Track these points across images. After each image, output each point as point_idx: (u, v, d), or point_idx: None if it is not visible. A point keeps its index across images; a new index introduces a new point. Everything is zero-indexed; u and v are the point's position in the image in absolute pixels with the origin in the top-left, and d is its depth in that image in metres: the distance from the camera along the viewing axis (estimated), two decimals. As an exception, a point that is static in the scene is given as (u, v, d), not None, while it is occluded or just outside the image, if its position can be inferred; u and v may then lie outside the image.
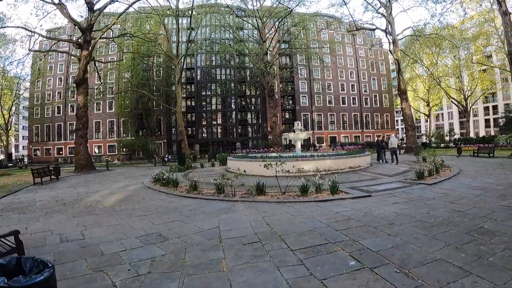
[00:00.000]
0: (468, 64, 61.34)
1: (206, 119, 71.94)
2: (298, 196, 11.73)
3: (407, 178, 15.99)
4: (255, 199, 11.55)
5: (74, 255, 6.32)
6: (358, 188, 13.27)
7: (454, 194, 11.34)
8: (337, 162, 20.01)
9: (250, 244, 6.70)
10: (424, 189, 12.58)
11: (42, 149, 68.76)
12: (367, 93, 77.89)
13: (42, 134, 68.96)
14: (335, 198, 11.27)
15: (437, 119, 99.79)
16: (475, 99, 66.24)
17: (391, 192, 12.23)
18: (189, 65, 72.54)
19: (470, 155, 30.75)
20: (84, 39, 33.34)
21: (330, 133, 74.05)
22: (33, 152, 69.45)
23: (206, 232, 7.68)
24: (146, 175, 24.05)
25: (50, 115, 68.82)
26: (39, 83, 68.63)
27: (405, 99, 42.12)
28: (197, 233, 7.57)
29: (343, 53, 76.89)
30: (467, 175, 16.35)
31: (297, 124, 26.47)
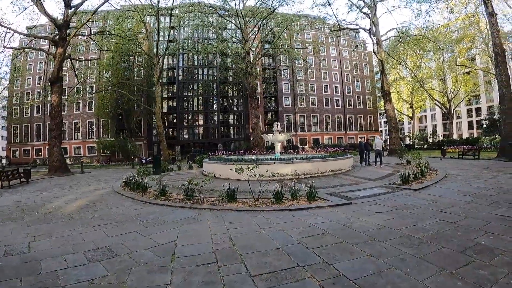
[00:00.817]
0: (452, 67, 61.57)
1: (188, 120, 70.57)
2: (272, 203, 10.66)
3: (391, 182, 14.98)
4: (225, 207, 10.50)
5: (12, 272, 5.60)
6: (338, 194, 12.25)
7: (443, 201, 10.30)
8: (317, 165, 18.96)
9: (205, 265, 5.61)
10: (409, 196, 11.53)
11: (21, 150, 66.48)
12: (351, 94, 77.36)
13: (21, 135, 66.83)
14: (312, 206, 10.20)
15: (421, 121, 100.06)
16: (458, 101, 66.62)
17: (374, 199, 11.14)
18: (171, 65, 71.36)
19: (454, 157, 30.05)
20: (60, 36, 32.14)
21: (313, 134, 73.31)
22: (12, 153, 67.21)
23: (161, 247, 6.69)
24: (120, 178, 22.60)
25: (29, 115, 67.00)
26: (18, 82, 66.77)
27: (389, 101, 41.47)
28: (150, 249, 6.60)
29: (327, 54, 76.34)
30: (455, 178, 15.43)
31: (276, 125, 25.31)
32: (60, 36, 32.28)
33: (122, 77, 56.97)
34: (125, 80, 56.93)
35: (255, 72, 49.85)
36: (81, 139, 65.68)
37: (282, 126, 67.76)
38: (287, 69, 70.29)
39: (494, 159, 26.35)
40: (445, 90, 63.63)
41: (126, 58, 56.26)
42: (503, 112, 27.37)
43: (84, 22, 35.72)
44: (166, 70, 69.98)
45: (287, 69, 70.29)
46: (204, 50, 54.18)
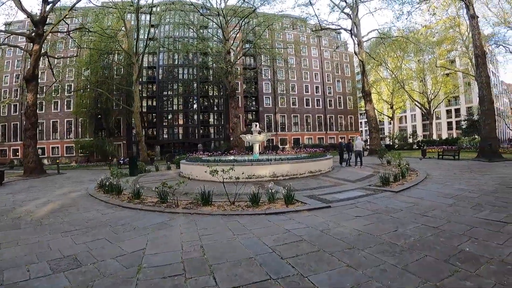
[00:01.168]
0: (432, 68, 62.10)
1: (168, 120, 69.54)
2: (248, 207, 10.16)
3: (371, 184, 14.62)
4: (199, 211, 9.91)
5: (-27, 285, 5.03)
6: (317, 197, 11.76)
7: (424, 204, 9.94)
8: (296, 167, 18.51)
9: (172, 277, 5.09)
10: (390, 198, 11.15)
11: (-2, 150, 64.08)
12: (332, 95, 77.40)
13: (7, 135, 64.55)
14: (289, 210, 9.69)
15: (401, 121, 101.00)
16: (438, 102, 67.40)
17: (353, 202, 10.70)
18: (151, 64, 70.13)
19: (434, 158, 30.07)
20: (36, 33, 31.10)
21: (294, 134, 73.06)
22: (-12, 154, 64.67)
23: (128, 256, 6.21)
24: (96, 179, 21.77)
25: (6, 114, 64.98)
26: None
27: (369, 101, 41.43)
28: (117, 258, 6.12)
29: (308, 54, 76.22)
30: (436, 180, 15.16)
31: (255, 125, 24.76)
32: (37, 32, 31.24)
33: (101, 75, 55.64)
34: (104, 79, 55.57)
35: (235, 72, 49.36)
36: (59, 139, 63.80)
37: (262, 126, 67.43)
38: (268, 69, 69.92)
39: (474, 159, 26.39)
40: (425, 91, 64.32)
41: (105, 57, 54.83)
42: (483, 113, 27.46)
43: (61, 18, 34.57)
44: (146, 69, 68.77)
45: (268, 69, 69.92)
46: (184, 49, 53.44)
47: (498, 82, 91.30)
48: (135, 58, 46.57)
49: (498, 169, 18.74)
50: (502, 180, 13.91)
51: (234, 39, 47.62)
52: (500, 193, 10.99)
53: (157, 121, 68.73)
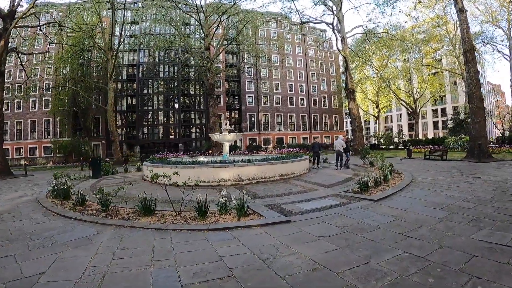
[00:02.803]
0: (419, 67, 61.11)
1: (148, 119, 67.27)
2: (193, 219, 8.53)
3: (348, 189, 12.58)
4: (134, 223, 8.33)
5: None
6: (279, 207, 9.90)
7: (409, 218, 7.92)
8: (265, 169, 16.41)
9: None
10: (367, 209, 9.09)
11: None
12: (316, 93, 75.80)
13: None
14: (239, 224, 7.89)
15: (386, 120, 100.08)
16: (424, 101, 66.57)
17: (321, 215, 8.69)
18: (132, 61, 67.93)
19: (421, 158, 28.23)
20: (3, 27, 29.68)
21: (277, 134, 71.25)
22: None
23: (23, 281, 5.07)
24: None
25: None
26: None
27: (353, 99, 39.62)
28: (10, 282, 5.04)
29: (292, 53, 74.54)
30: (422, 184, 13.10)
31: (225, 123, 22.63)
32: (4, 27, 29.78)
33: (78, 73, 53.29)
34: (80, 77, 53.23)
35: (215, 69, 47.52)
36: (37, 139, 61.08)
37: (245, 126, 66.03)
38: (251, 67, 67.76)
39: (463, 159, 24.51)
40: (411, 90, 63.19)
41: (81, 54, 52.65)
42: (472, 111, 25.67)
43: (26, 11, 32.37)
44: (126, 66, 67.20)
45: (251, 67, 67.76)
46: (164, 45, 51.28)
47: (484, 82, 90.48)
48: (110, 55, 44.48)
49: (490, 171, 16.82)
50: (498, 185, 11.91)
51: (213, 35, 45.71)
52: (500, 202, 8.98)
53: (137, 120, 66.48)
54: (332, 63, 78.74)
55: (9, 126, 58.75)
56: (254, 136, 69.16)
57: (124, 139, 65.64)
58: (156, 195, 9.58)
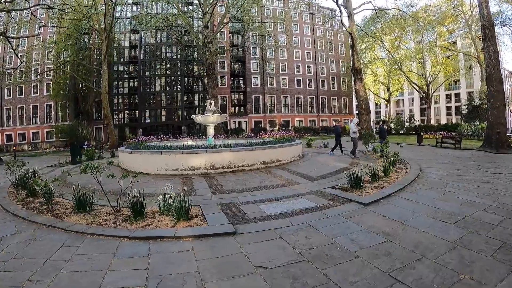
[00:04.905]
0: (432, 48, 57.55)
1: (150, 102, 64.83)
2: (126, 220, 7.04)
3: (337, 184, 10.07)
4: (57, 223, 7.05)
5: None
6: (237, 207, 7.91)
7: (406, 238, 5.35)
8: (242, 156, 13.89)
9: None
10: (350, 219, 6.55)
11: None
12: (325, 75, 71.98)
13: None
14: (168, 234, 6.12)
15: (398, 104, 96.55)
16: (437, 85, 62.94)
17: (282, 225, 6.33)
18: (133, 43, 65.00)
19: (432, 145, 25.25)
20: None
21: (283, 116, 67.83)
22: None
23: None
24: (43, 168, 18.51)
25: None
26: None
27: (360, 79, 36.46)
28: None
29: (300, 32, 70.73)
30: (431, 181, 10.21)
31: (209, 103, 20.17)
32: None
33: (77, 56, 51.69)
34: (79, 60, 51.31)
35: (215, 48, 45.07)
36: (39, 124, 59.65)
37: (250, 108, 63.47)
38: (256, 47, 64.84)
39: (478, 149, 21.30)
40: (424, 74, 59.78)
41: (78, 36, 50.68)
42: (490, 94, 22.48)
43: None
44: (128, 48, 64.25)
45: (256, 47, 64.84)
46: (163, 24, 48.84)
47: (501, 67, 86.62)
48: (104, 35, 42.29)
49: None
50: (528, 186, 9.14)
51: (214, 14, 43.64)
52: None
53: (139, 103, 63.85)
54: (341, 44, 74.80)
55: (11, 112, 58.46)
56: (259, 118, 66.08)
57: (126, 122, 63.67)
58: (77, 191, 7.96)
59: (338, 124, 22.34)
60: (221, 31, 44.27)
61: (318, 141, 30.49)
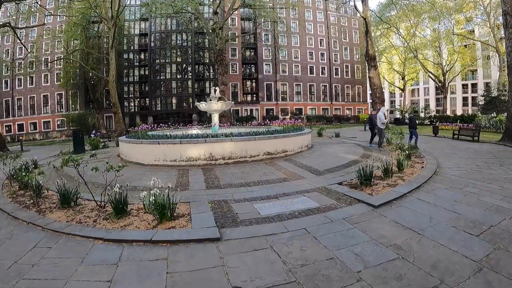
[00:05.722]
0: (449, 36, 55.63)
1: (161, 90, 64.29)
2: (106, 218, 6.51)
3: (344, 180, 9.13)
4: (37, 220, 6.65)
5: None
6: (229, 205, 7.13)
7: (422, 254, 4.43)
8: (244, 146, 13.03)
9: None
10: (356, 225, 5.62)
11: (-12, 127, 60.86)
12: (338, 63, 70.24)
13: (-8, 111, 61.33)
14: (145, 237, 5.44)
15: (413, 94, 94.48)
16: (453, 75, 60.95)
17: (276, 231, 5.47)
18: (143, 31, 64.55)
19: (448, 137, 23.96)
20: None
21: (296, 104, 66.54)
22: (-19, 131, 61.79)
23: None
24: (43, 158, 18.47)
25: None
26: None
27: (374, 67, 35.15)
28: None
29: (313, 19, 69.03)
30: (450, 178, 9.16)
31: (214, 90, 19.34)
32: None
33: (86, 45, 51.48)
34: (87, 49, 50.90)
35: (225, 34, 44.19)
36: (50, 113, 59.98)
37: (262, 95, 62.62)
38: (268, 33, 63.55)
39: (498, 143, 19.90)
40: (440, 62, 57.94)
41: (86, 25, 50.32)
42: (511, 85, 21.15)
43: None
44: (138, 36, 64.14)
45: (268, 33, 63.55)
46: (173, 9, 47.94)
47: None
48: (111, 23, 41.68)
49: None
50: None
51: (224, 0, 42.50)
52: None
53: (150, 90, 63.42)
54: (355, 31, 72.79)
55: (22, 102, 59.22)
56: (271, 106, 65.04)
57: (137, 110, 63.87)
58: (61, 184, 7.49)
59: (373, 114, 21.09)
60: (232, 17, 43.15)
61: (329, 130, 29.52)
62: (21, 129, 59.03)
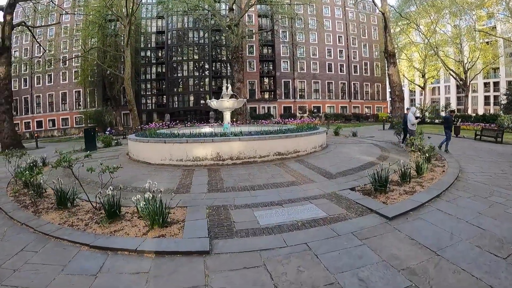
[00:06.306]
0: (470, 33, 54.08)
1: (178, 87, 64.41)
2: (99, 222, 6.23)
3: (358, 185, 8.44)
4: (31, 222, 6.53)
5: None
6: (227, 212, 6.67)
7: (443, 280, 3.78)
8: (254, 145, 12.41)
9: None
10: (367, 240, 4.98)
11: (10, 124, 62.63)
12: (357, 60, 68.96)
13: (11, 109, 63.17)
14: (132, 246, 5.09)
15: (433, 92, 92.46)
16: (475, 73, 59.31)
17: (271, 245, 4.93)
18: (160, 28, 64.84)
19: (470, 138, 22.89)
20: (8, 3, 29.02)
21: (314, 102, 65.63)
22: (2, 128, 63.74)
23: None
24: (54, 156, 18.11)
25: (17, 88, 61.99)
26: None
27: (393, 64, 34.20)
28: None
29: (331, 15, 67.95)
30: (474, 186, 8.27)
31: (226, 88, 18.81)
32: (9, 2, 29.02)
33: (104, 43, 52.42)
34: (103, 47, 51.59)
35: (241, 31, 43.80)
36: (68, 110, 61.26)
37: (279, 93, 62.27)
38: (286, 30, 62.74)
39: None
40: (461, 60, 56.35)
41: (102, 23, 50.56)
42: None
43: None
44: (154, 34, 64.61)
45: (286, 30, 62.74)
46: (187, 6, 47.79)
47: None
48: (126, 21, 41.83)
49: None
50: None
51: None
52: None
53: (167, 88, 63.64)
54: (374, 27, 71.29)
55: (41, 99, 60.52)
56: (289, 104, 64.41)
57: (154, 107, 64.15)
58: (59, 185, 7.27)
59: (406, 113, 20.21)
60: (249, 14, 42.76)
61: (347, 129, 28.73)
62: (39, 126, 60.20)
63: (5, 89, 29.39)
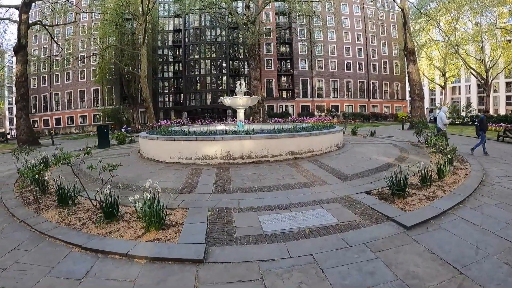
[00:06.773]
0: (492, 30, 52.71)
1: (195, 85, 64.50)
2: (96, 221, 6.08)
3: (373, 189, 7.90)
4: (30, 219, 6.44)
5: None
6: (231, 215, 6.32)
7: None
8: (265, 144, 12.01)
9: None
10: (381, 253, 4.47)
11: (29, 121, 64.01)
12: (376, 58, 67.88)
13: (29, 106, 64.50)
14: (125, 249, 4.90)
15: (454, 92, 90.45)
16: (497, 72, 57.60)
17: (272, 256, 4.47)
18: (177, 27, 65.15)
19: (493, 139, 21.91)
20: (23, 2, 29.47)
21: (332, 101, 64.95)
22: (21, 125, 65.35)
23: None
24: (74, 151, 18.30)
25: (36, 86, 64.29)
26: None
27: (413, 61, 33.37)
28: None
29: (349, 13, 67.02)
30: (499, 191, 7.68)
31: (240, 85, 18.34)
32: (24, 1, 29.42)
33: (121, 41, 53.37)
34: (121, 45, 52.32)
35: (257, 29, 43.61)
36: (86, 108, 62.69)
37: (297, 91, 61.91)
38: (304, 28, 62.21)
39: None
40: (483, 58, 54.90)
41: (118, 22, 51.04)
42: None
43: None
44: (172, 32, 65.11)
45: (304, 28, 62.21)
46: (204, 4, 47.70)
47: None
48: (142, 19, 41.96)
49: None
50: None
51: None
52: None
53: (184, 86, 63.93)
54: (393, 25, 69.82)
55: (60, 97, 62.22)
56: (307, 102, 63.98)
57: (171, 106, 64.56)
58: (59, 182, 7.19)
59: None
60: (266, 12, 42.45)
61: (365, 129, 28.16)
62: (58, 123, 61.54)
63: (21, 86, 29.57)
